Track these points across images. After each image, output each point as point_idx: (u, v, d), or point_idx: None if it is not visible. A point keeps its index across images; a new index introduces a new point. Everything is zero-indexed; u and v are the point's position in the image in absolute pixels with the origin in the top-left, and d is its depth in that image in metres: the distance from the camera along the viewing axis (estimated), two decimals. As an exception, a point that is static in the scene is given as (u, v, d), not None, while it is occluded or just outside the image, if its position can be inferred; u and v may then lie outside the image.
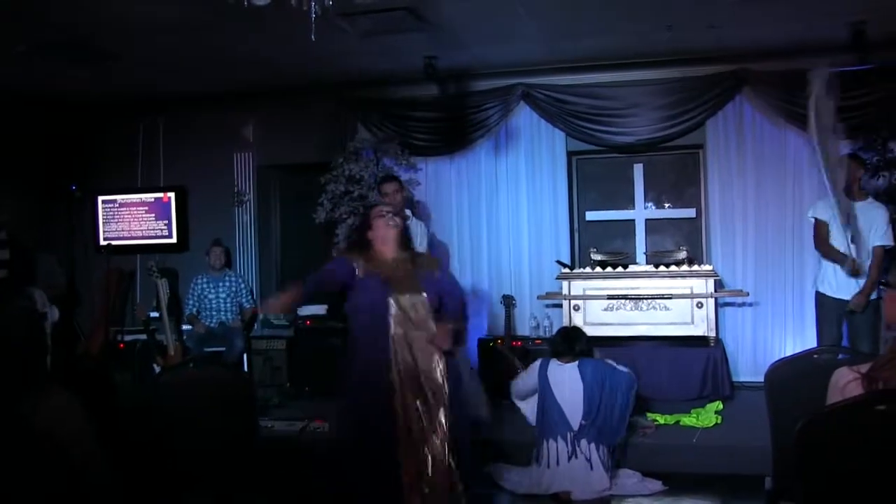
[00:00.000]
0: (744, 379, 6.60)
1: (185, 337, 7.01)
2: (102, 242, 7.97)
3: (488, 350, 6.46)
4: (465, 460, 3.52)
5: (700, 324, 6.29)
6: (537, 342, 6.46)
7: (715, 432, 5.20)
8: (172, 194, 8.01)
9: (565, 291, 6.54)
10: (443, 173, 7.53)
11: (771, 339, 6.83)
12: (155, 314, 6.84)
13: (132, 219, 8.10)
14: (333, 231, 7.05)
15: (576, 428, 4.45)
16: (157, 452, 2.97)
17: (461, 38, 6.22)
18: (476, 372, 5.96)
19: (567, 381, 4.56)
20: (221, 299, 7.23)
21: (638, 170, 7.37)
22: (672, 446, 4.96)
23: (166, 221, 8.03)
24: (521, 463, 4.74)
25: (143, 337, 6.74)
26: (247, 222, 8.04)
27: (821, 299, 5.60)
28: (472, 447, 3.64)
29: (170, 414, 3.18)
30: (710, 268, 6.51)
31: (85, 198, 8.01)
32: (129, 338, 6.97)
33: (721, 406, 5.67)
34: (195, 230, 8.01)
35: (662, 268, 6.45)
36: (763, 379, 3.14)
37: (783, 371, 3.07)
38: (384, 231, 3.66)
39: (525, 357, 5.75)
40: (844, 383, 2.07)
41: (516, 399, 4.90)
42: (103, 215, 8.13)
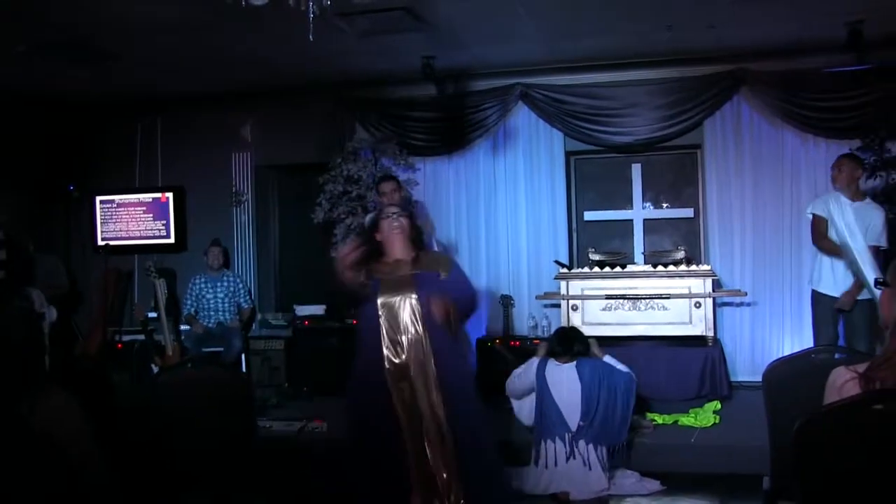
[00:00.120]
0: (742, 379, 6.61)
1: (183, 337, 7.01)
2: (100, 242, 7.95)
3: (486, 350, 6.46)
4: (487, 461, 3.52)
5: (698, 323, 6.30)
6: (535, 342, 6.44)
7: (713, 432, 5.20)
8: (170, 194, 8.00)
9: (563, 291, 6.55)
10: (441, 173, 7.53)
11: (769, 339, 6.84)
12: (153, 314, 6.84)
13: (130, 219, 8.09)
14: (332, 231, 7.05)
15: (574, 429, 4.46)
16: (155, 453, 2.96)
17: (459, 38, 6.22)
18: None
19: (565, 381, 4.57)
20: (219, 299, 7.22)
21: (636, 170, 7.38)
22: (670, 446, 4.97)
23: (164, 221, 8.02)
24: (520, 463, 4.74)
25: (142, 337, 6.74)
26: (245, 222, 8.03)
27: (817, 297, 5.61)
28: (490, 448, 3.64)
29: (168, 414, 3.18)
30: (708, 268, 6.51)
31: (83, 198, 8.02)
32: (127, 338, 6.95)
33: (719, 406, 5.68)
34: (193, 230, 8.00)
35: (660, 268, 6.45)
36: (761, 378, 3.14)
37: (781, 371, 3.07)
38: (390, 232, 3.66)
39: (524, 358, 5.74)
40: (842, 383, 2.07)
41: (512, 398, 4.90)
42: (101, 215, 8.11)
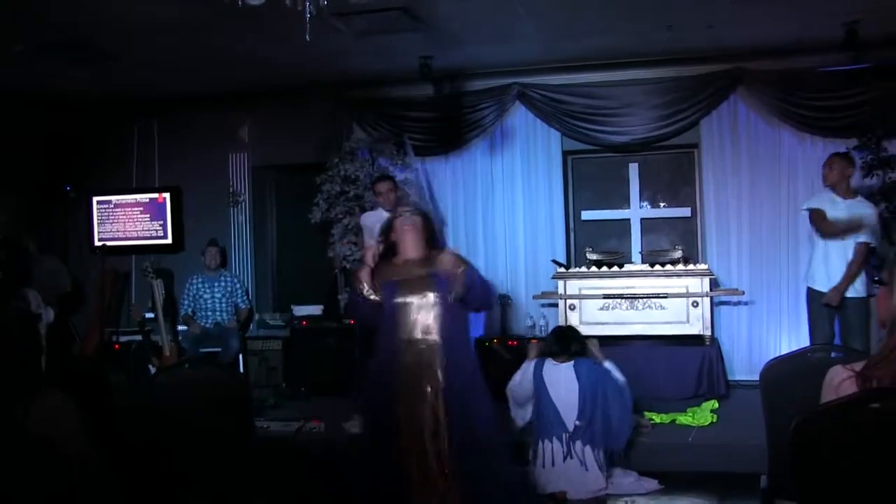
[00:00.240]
0: (739, 377, 6.61)
1: (180, 337, 6.99)
2: (97, 243, 7.94)
3: (484, 350, 6.45)
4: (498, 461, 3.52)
5: (695, 323, 6.30)
6: (533, 342, 6.45)
7: (710, 431, 5.20)
8: (167, 195, 7.98)
9: (561, 291, 6.55)
10: (438, 173, 7.53)
11: (766, 338, 6.84)
12: (150, 315, 6.83)
13: (127, 219, 8.07)
14: (329, 231, 7.05)
15: (571, 429, 4.45)
16: (153, 453, 2.96)
17: (457, 38, 6.22)
18: None
19: (563, 380, 4.55)
20: (217, 300, 7.21)
21: (633, 169, 7.39)
22: (668, 445, 4.97)
23: (161, 222, 8.00)
24: (519, 463, 4.73)
25: (139, 338, 6.73)
26: (242, 222, 8.03)
27: (811, 294, 5.60)
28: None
29: (165, 415, 3.17)
30: (706, 267, 6.52)
31: (80, 198, 8.01)
32: (124, 338, 6.95)
33: (717, 405, 5.67)
34: (190, 230, 7.98)
35: (658, 267, 6.46)
36: (758, 377, 3.15)
37: (778, 369, 3.07)
38: (402, 232, 3.66)
39: (523, 358, 5.72)
40: (839, 381, 2.07)
41: (515, 406, 4.78)
42: (98, 216, 8.09)
